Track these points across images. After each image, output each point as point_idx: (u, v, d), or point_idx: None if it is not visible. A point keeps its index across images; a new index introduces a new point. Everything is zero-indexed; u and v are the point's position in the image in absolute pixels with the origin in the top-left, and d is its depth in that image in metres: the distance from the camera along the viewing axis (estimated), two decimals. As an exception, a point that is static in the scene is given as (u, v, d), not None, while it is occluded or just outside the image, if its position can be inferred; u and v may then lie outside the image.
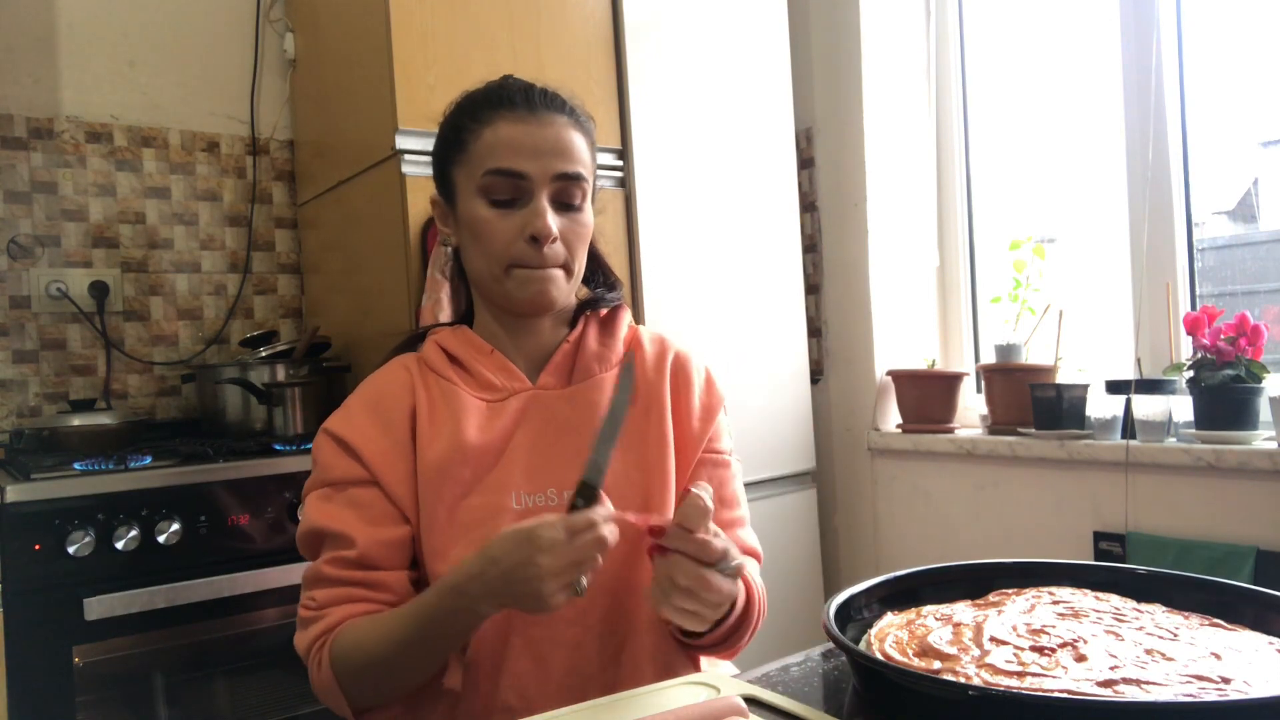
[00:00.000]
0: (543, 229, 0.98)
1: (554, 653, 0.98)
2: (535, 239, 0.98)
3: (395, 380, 1.05)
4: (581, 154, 1.02)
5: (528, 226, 0.98)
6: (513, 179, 0.99)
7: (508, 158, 0.99)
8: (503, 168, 0.99)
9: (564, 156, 1.00)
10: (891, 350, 2.38)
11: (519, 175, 0.99)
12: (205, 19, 2.23)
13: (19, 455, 1.81)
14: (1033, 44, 2.26)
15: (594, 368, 1.06)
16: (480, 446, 0.99)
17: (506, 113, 1.00)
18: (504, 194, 0.99)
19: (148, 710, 1.54)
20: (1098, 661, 0.64)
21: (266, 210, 2.30)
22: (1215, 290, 1.93)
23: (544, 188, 0.99)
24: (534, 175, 0.99)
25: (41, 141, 2.03)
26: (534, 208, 0.99)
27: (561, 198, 1.01)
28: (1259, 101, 1.89)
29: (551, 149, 1.00)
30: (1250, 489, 1.66)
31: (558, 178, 1.00)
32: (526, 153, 0.99)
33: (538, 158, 0.99)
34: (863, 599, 0.80)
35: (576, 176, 1.01)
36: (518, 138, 0.99)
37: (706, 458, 1.08)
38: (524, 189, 0.99)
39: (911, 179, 2.40)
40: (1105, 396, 1.88)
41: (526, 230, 0.98)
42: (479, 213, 1.00)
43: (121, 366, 2.10)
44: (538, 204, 0.99)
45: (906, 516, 2.32)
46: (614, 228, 1.95)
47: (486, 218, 1.00)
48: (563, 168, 1.00)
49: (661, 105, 2.02)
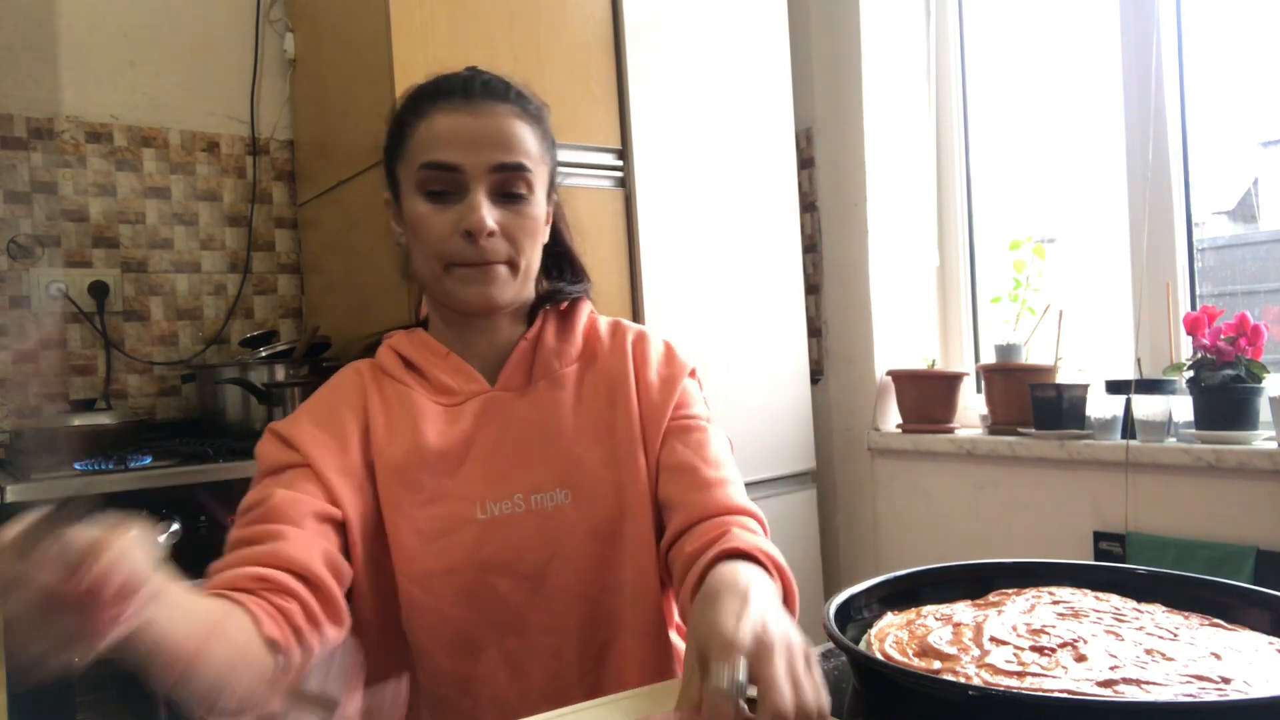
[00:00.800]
0: (475, 223, 0.92)
1: (532, 663, 0.95)
2: (470, 234, 0.93)
3: (345, 384, 1.01)
4: (524, 143, 0.96)
5: (462, 221, 0.93)
6: (446, 172, 0.94)
7: (440, 150, 0.94)
8: (435, 160, 0.94)
9: (503, 147, 0.95)
10: (891, 350, 2.38)
11: (452, 168, 0.94)
12: (205, 19, 2.23)
13: (19, 455, 1.81)
14: (1033, 44, 2.26)
15: (553, 364, 1.02)
16: (440, 451, 0.95)
17: (444, 103, 0.96)
18: (439, 186, 0.94)
19: (148, 710, 1.54)
20: (1098, 661, 0.64)
21: (266, 210, 2.30)
22: (1215, 290, 1.93)
23: (480, 180, 0.94)
24: (468, 167, 0.94)
25: (41, 141, 2.03)
26: (469, 202, 0.93)
27: (504, 189, 0.95)
28: (1259, 101, 1.89)
29: (489, 139, 0.94)
30: (1250, 489, 1.66)
31: (496, 169, 0.94)
32: (460, 144, 0.94)
33: (473, 149, 0.94)
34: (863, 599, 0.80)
35: (517, 167, 0.95)
36: (452, 129, 0.94)
37: (675, 425, 1.01)
38: (459, 182, 0.94)
39: (911, 179, 2.40)
40: (1105, 396, 1.88)
41: (461, 225, 0.93)
42: (416, 209, 0.96)
43: (121, 366, 2.10)
44: (472, 197, 0.93)
45: (906, 516, 2.32)
46: (614, 228, 1.95)
47: (423, 213, 0.95)
48: (500, 158, 0.94)
49: (661, 105, 2.02)
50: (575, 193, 1.89)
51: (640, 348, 1.05)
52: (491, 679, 0.94)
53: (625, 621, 0.96)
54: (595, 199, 1.93)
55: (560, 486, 0.97)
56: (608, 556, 0.96)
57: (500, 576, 0.94)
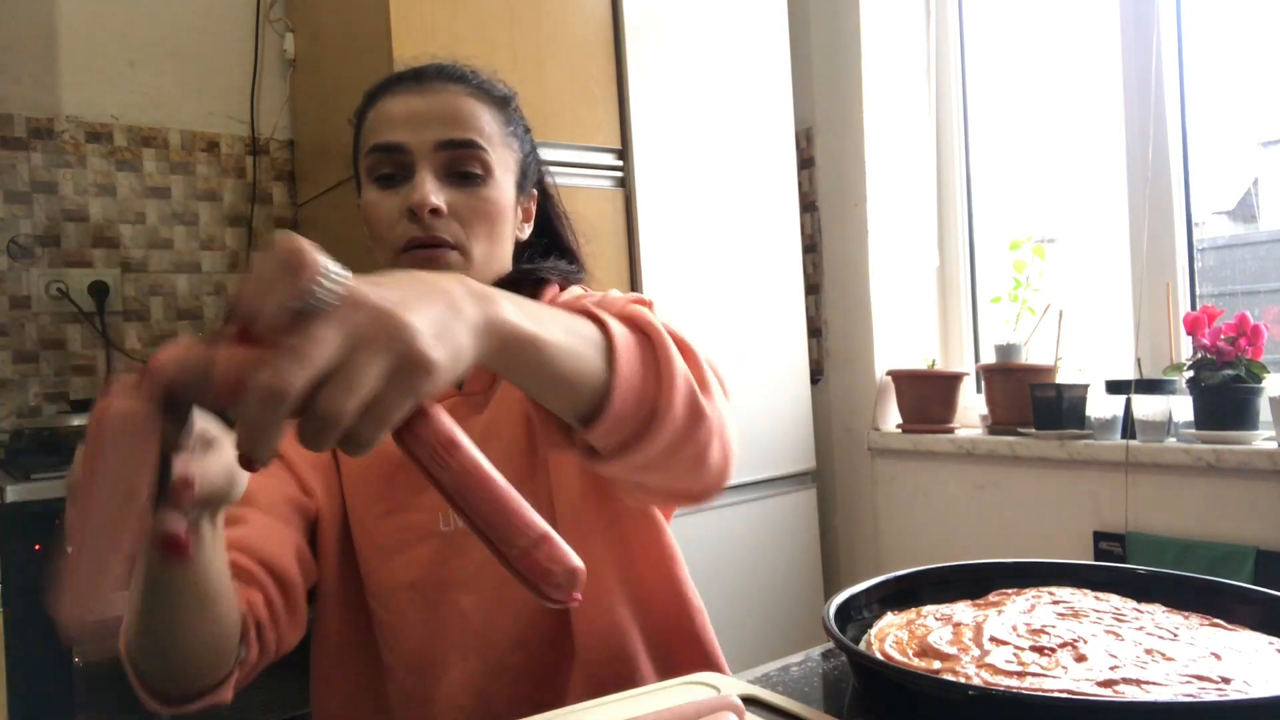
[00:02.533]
0: (417, 199, 0.86)
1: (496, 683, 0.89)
2: (413, 212, 0.87)
3: None
4: (477, 121, 0.90)
5: (406, 200, 0.87)
6: (390, 153, 0.89)
7: (385, 131, 0.89)
8: (379, 142, 0.89)
9: (449, 123, 0.89)
10: (891, 350, 2.38)
11: (395, 148, 0.88)
12: (205, 19, 2.23)
13: (19, 455, 1.81)
14: (1033, 44, 2.26)
15: None
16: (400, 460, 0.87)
17: (395, 88, 0.92)
18: (387, 169, 0.89)
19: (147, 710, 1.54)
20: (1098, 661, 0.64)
21: (266, 210, 2.30)
22: (1215, 290, 1.92)
23: (426, 159, 0.88)
24: (413, 146, 0.88)
25: (41, 141, 2.03)
26: (413, 180, 0.88)
27: (455, 168, 0.89)
28: (1259, 101, 1.89)
29: (436, 116, 0.89)
30: (1250, 489, 1.66)
31: (443, 145, 0.88)
32: (406, 123, 0.89)
33: (418, 127, 0.88)
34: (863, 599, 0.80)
35: (466, 144, 0.89)
36: (398, 109, 0.90)
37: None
38: (404, 163, 0.89)
39: (911, 179, 2.40)
40: (1105, 396, 1.88)
41: (405, 205, 0.87)
42: (366, 196, 0.91)
43: (121, 366, 2.09)
44: (417, 176, 0.88)
45: (906, 516, 2.32)
46: (614, 228, 1.95)
47: (371, 199, 0.90)
48: (448, 134, 0.89)
49: (661, 105, 2.02)
50: (575, 193, 1.89)
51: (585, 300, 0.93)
52: (452, 700, 0.89)
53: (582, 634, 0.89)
54: (595, 199, 1.93)
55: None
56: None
57: (463, 593, 0.90)
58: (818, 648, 0.84)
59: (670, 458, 0.66)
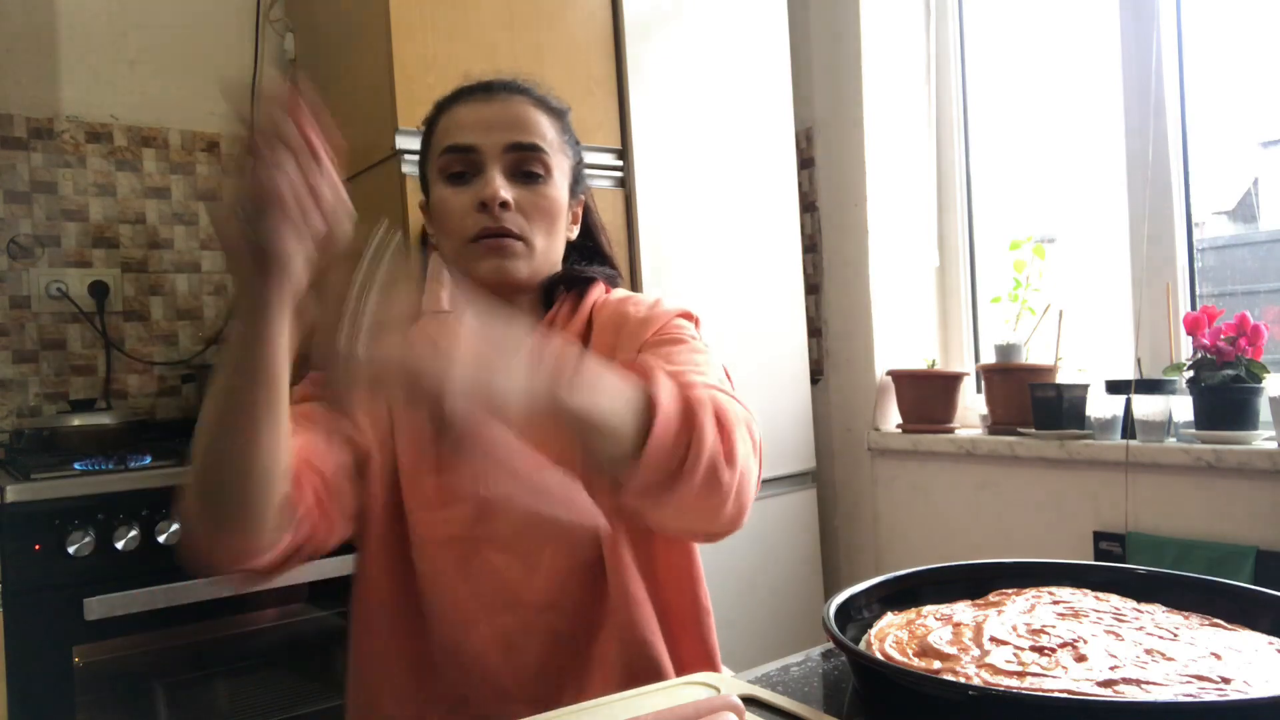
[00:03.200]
0: (489, 193, 0.96)
1: (526, 642, 0.95)
2: (484, 205, 0.97)
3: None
4: (540, 128, 1.02)
5: (478, 195, 0.98)
6: (463, 154, 0.99)
7: (457, 134, 1.00)
8: (452, 144, 0.99)
9: (516, 128, 1.00)
10: (891, 350, 2.38)
11: (468, 149, 0.99)
12: (205, 19, 2.23)
13: (19, 455, 1.81)
14: (1033, 44, 2.26)
15: None
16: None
17: (465, 98, 1.02)
18: (458, 168, 0.99)
19: (147, 710, 1.54)
20: (1098, 661, 0.64)
21: (266, 210, 2.29)
22: (1215, 290, 1.93)
23: (496, 159, 0.99)
24: (484, 147, 0.99)
25: (41, 141, 2.03)
26: (484, 177, 0.98)
27: (519, 168, 1.00)
28: (1259, 101, 1.89)
29: (504, 122, 1.00)
30: (1250, 489, 1.66)
31: (510, 149, 0.99)
32: (477, 128, 0.99)
33: (488, 131, 0.99)
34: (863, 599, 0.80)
35: (532, 147, 1.00)
36: (468, 116, 1.00)
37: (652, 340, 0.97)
38: (476, 163, 0.99)
39: (911, 179, 2.40)
40: (1105, 396, 1.88)
41: (477, 198, 0.98)
42: (438, 193, 1.01)
43: (121, 366, 2.10)
44: (488, 173, 0.98)
45: (906, 516, 2.32)
46: (614, 228, 1.95)
47: (444, 196, 1.00)
48: (515, 138, 0.99)
49: (661, 105, 2.02)
50: (575, 193, 1.89)
51: (631, 305, 1.03)
52: (482, 654, 0.95)
53: (616, 605, 0.96)
54: (595, 199, 1.92)
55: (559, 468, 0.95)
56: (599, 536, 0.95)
57: (498, 552, 0.95)
58: (818, 648, 0.84)
59: (685, 512, 0.79)
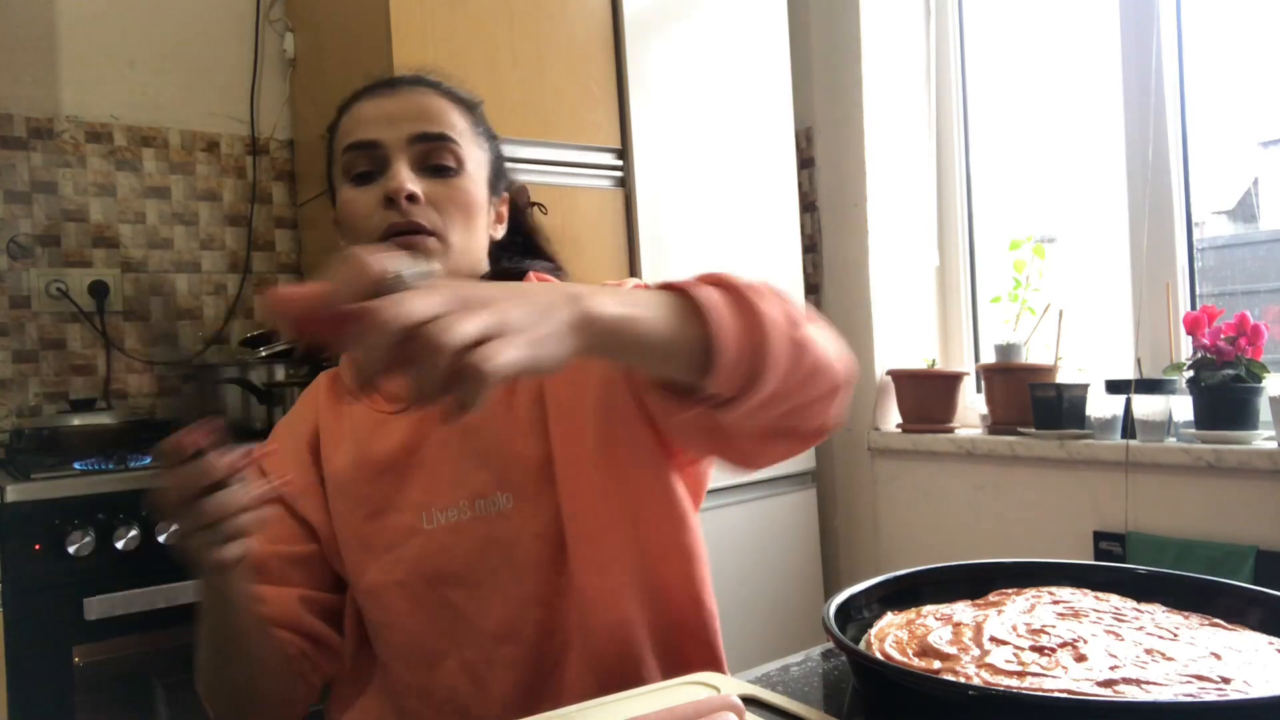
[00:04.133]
0: (394, 185, 0.90)
1: (491, 673, 0.90)
2: (390, 199, 0.90)
3: (305, 399, 1.03)
4: (449, 118, 0.95)
5: (383, 189, 0.91)
6: (366, 150, 0.92)
7: (359, 131, 0.93)
8: (354, 140, 0.93)
9: (422, 119, 0.93)
10: (891, 350, 2.38)
11: (371, 144, 0.92)
12: (205, 19, 2.23)
13: (19, 455, 1.81)
14: (1033, 44, 2.26)
15: None
16: (383, 462, 0.93)
17: (367, 95, 0.96)
18: (362, 167, 0.93)
19: (147, 710, 1.54)
20: (1098, 661, 0.64)
21: (266, 210, 2.30)
22: (1215, 290, 1.93)
23: (401, 152, 0.92)
24: (387, 141, 0.92)
25: (41, 141, 2.03)
26: (389, 172, 0.92)
27: (428, 161, 0.93)
28: (1259, 101, 1.89)
29: (408, 114, 0.93)
30: (1250, 489, 1.66)
31: (416, 139, 0.92)
32: (379, 122, 0.93)
33: (391, 124, 0.93)
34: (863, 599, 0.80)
35: (440, 137, 0.93)
36: (372, 111, 0.94)
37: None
38: (380, 158, 0.92)
39: (911, 179, 2.40)
40: (1105, 396, 1.88)
41: (382, 194, 0.91)
42: (343, 195, 0.94)
43: (121, 366, 2.10)
44: (393, 167, 0.91)
45: (906, 516, 2.32)
46: (614, 228, 1.95)
47: (348, 196, 0.94)
48: (421, 128, 0.93)
49: (661, 105, 2.02)
50: (575, 193, 1.89)
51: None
52: (452, 688, 0.91)
53: (581, 626, 0.90)
54: (595, 199, 1.93)
55: (501, 490, 0.90)
56: (557, 560, 0.90)
57: (450, 587, 0.91)
58: (818, 648, 0.84)
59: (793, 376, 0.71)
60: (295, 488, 0.95)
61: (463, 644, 0.91)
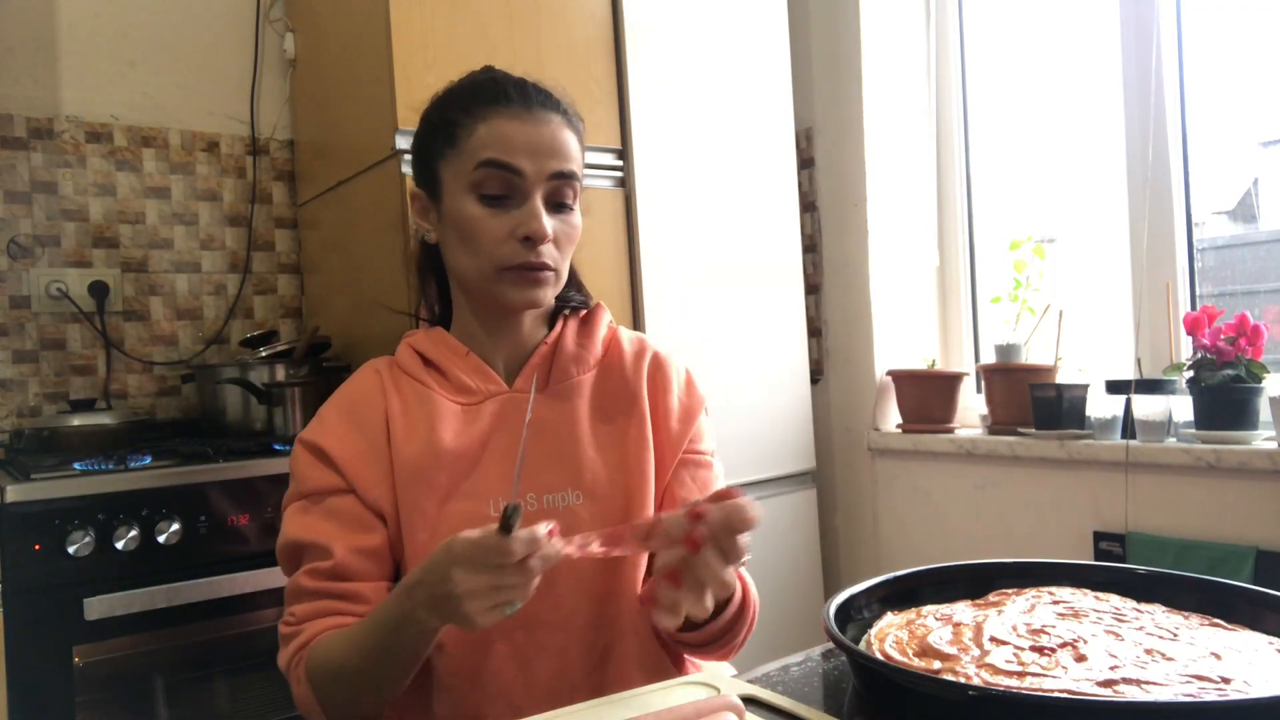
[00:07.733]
0: (538, 230, 0.95)
1: (539, 659, 0.96)
2: (529, 239, 0.95)
3: (367, 384, 1.03)
4: (574, 153, 1.00)
5: (521, 227, 0.95)
6: (508, 174, 0.95)
7: (505, 152, 0.95)
8: (501, 160, 0.95)
9: (559, 155, 0.97)
10: (891, 350, 2.38)
11: (515, 171, 0.95)
12: (205, 19, 2.23)
13: (19, 455, 1.81)
14: (1033, 44, 2.26)
15: (571, 370, 1.04)
16: (456, 451, 0.97)
17: (502, 108, 0.97)
18: (496, 190, 0.96)
19: (148, 710, 1.54)
20: (1098, 661, 0.64)
21: (266, 210, 2.30)
22: (1215, 290, 1.93)
23: (539, 187, 0.96)
24: (530, 173, 0.96)
25: (41, 141, 2.03)
26: (529, 208, 0.96)
27: (555, 198, 0.98)
28: (1259, 101, 1.89)
29: (548, 148, 0.97)
30: (1250, 489, 1.66)
31: (553, 177, 0.97)
32: (523, 150, 0.96)
33: (534, 156, 0.96)
34: (863, 599, 0.80)
35: (570, 175, 0.98)
36: (514, 134, 0.96)
37: (688, 458, 1.06)
38: (518, 186, 0.96)
39: (911, 179, 2.40)
40: (1105, 396, 1.88)
41: (520, 230, 0.95)
42: (469, 210, 0.97)
43: (121, 366, 2.10)
44: (533, 204, 0.96)
45: (906, 516, 2.32)
46: (614, 228, 1.95)
47: (477, 216, 0.96)
48: (558, 166, 0.97)
49: (661, 105, 2.02)
50: (575, 193, 1.89)
51: (662, 371, 1.07)
52: (499, 672, 0.95)
53: (629, 624, 0.98)
54: (595, 199, 1.93)
55: (572, 487, 0.99)
56: (614, 559, 0.96)
57: None
58: (818, 648, 0.84)
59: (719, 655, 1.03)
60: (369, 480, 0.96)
61: (514, 628, 0.95)
